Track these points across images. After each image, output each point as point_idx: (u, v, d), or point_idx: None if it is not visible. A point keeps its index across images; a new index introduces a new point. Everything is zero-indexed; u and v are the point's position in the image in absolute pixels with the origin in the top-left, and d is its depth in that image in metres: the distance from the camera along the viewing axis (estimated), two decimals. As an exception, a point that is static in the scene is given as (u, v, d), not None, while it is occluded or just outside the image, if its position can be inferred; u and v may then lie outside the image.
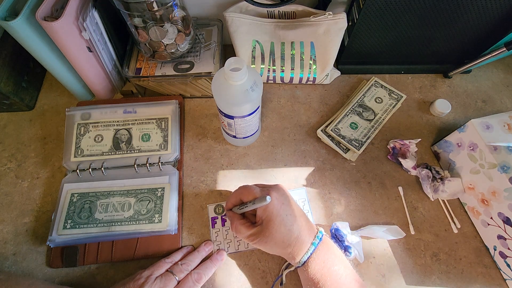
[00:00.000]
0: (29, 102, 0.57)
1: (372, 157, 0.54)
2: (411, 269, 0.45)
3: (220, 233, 0.47)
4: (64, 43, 0.45)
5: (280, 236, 0.38)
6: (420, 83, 0.63)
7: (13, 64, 0.54)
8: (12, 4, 0.44)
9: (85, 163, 0.49)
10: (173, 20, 0.50)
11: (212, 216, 0.48)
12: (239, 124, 0.46)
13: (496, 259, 0.45)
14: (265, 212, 0.38)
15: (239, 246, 0.46)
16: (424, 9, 0.49)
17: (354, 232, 0.46)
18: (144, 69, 0.54)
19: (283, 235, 0.38)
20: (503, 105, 0.61)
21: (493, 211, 0.44)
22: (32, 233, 0.47)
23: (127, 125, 0.52)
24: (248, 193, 0.40)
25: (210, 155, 0.54)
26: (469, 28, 0.53)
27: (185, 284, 0.39)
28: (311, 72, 0.58)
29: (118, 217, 0.46)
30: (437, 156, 0.54)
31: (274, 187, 0.41)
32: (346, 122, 0.54)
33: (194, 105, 0.59)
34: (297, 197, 0.50)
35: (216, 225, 0.47)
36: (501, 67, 0.65)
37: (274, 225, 0.37)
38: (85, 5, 0.46)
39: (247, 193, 0.40)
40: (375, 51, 0.59)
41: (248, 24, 0.55)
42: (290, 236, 0.38)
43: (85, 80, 0.53)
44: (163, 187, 0.48)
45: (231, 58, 0.39)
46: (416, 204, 0.50)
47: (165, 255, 0.44)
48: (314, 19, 0.54)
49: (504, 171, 0.41)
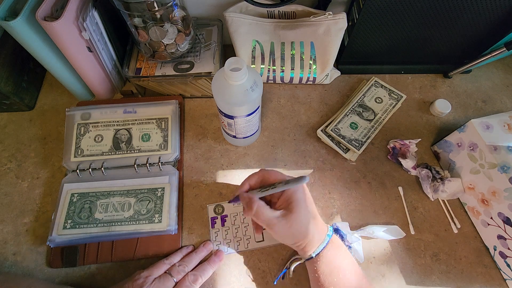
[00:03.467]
0: (29, 102, 0.57)
1: (372, 157, 0.54)
2: (411, 269, 0.45)
3: (220, 233, 0.47)
4: (64, 43, 0.45)
5: (300, 225, 0.37)
6: (420, 83, 0.63)
7: (13, 64, 0.54)
8: (12, 4, 0.44)
9: (85, 163, 0.49)
10: (173, 20, 0.50)
11: (211, 216, 0.48)
12: (239, 124, 0.46)
13: (496, 259, 0.45)
14: (294, 196, 0.37)
15: (239, 246, 0.46)
16: (424, 9, 0.49)
17: (354, 232, 0.46)
18: (144, 69, 0.54)
19: (303, 225, 0.37)
20: (503, 105, 0.61)
21: (493, 211, 0.44)
22: (32, 233, 0.47)
23: (127, 125, 0.52)
24: (273, 176, 0.39)
25: (210, 155, 0.54)
26: (469, 28, 0.53)
27: (182, 285, 0.39)
28: (311, 72, 0.58)
29: (118, 217, 0.46)
30: (437, 156, 0.54)
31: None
32: (346, 122, 0.54)
33: (194, 105, 0.59)
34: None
35: (216, 225, 0.47)
36: (501, 67, 0.65)
37: (300, 211, 0.36)
38: (85, 5, 0.46)
39: (272, 176, 0.39)
40: (375, 51, 0.59)
41: (248, 24, 0.55)
42: (308, 227, 0.37)
43: (85, 80, 0.53)
44: (163, 187, 0.48)
45: (231, 58, 0.39)
46: (416, 204, 0.50)
47: (165, 255, 0.44)
48: (314, 19, 0.54)
49: (504, 171, 0.41)
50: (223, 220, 0.48)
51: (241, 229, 0.47)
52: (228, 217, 0.48)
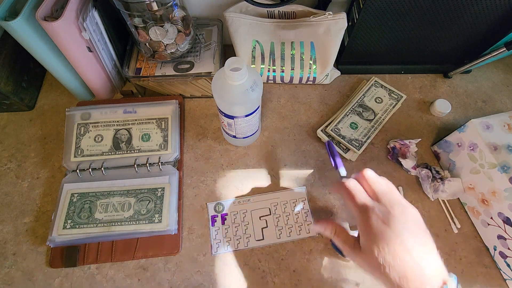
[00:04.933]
0: (29, 102, 0.57)
1: (372, 157, 0.54)
2: (411, 269, 0.45)
3: (220, 231, 0.47)
4: (64, 43, 0.45)
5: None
6: (420, 83, 0.63)
7: (13, 64, 0.54)
8: (12, 4, 0.44)
9: (85, 163, 0.49)
10: (173, 20, 0.50)
11: (212, 215, 0.48)
12: (239, 124, 0.46)
13: (496, 259, 0.45)
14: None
15: (239, 245, 0.46)
16: (424, 9, 0.49)
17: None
18: (144, 69, 0.54)
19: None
20: (503, 105, 0.61)
21: (493, 211, 0.44)
22: (32, 233, 0.47)
23: (127, 125, 0.52)
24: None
25: (210, 155, 0.54)
26: (469, 28, 0.53)
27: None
28: (311, 72, 0.58)
29: (118, 217, 0.46)
30: (437, 156, 0.54)
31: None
32: (346, 122, 0.54)
33: (194, 105, 0.59)
34: (297, 197, 0.50)
35: (216, 223, 0.47)
36: (501, 67, 0.65)
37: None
38: (85, 5, 0.46)
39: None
40: (375, 51, 0.59)
41: (248, 24, 0.55)
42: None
43: (85, 80, 0.53)
44: (163, 187, 0.48)
45: (231, 58, 0.39)
46: (416, 204, 0.50)
47: (165, 255, 0.44)
48: (314, 19, 0.54)
49: (504, 171, 0.41)
50: (223, 219, 0.48)
51: (241, 228, 0.47)
52: (228, 215, 0.48)
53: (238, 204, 0.49)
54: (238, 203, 0.49)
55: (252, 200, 0.49)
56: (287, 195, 0.50)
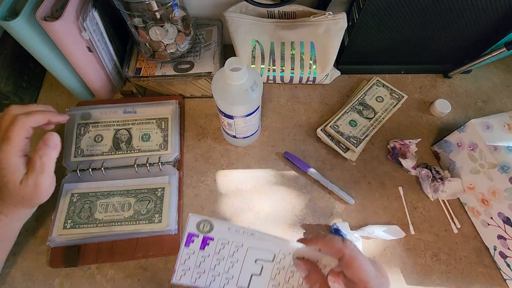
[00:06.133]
0: (29, 102, 0.57)
1: (372, 157, 0.54)
2: (411, 269, 0.45)
3: (193, 258, 0.33)
4: (64, 43, 0.45)
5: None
6: (420, 83, 0.63)
7: (13, 64, 0.54)
8: (12, 4, 0.44)
9: (85, 163, 0.49)
10: (173, 20, 0.50)
11: (191, 232, 0.32)
12: (239, 124, 0.46)
13: (496, 259, 0.45)
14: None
15: (212, 284, 0.34)
16: (424, 9, 0.49)
17: (354, 232, 0.46)
18: (144, 69, 0.54)
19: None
20: (503, 105, 0.61)
21: (493, 211, 0.44)
22: (32, 233, 0.46)
23: (127, 125, 0.52)
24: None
25: (210, 155, 0.54)
26: (469, 28, 0.53)
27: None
28: (311, 72, 0.58)
29: (118, 217, 0.46)
30: (437, 156, 0.54)
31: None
32: (346, 119, 0.54)
33: (194, 105, 0.59)
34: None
35: (193, 245, 0.33)
36: (501, 67, 0.65)
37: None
38: (85, 5, 0.46)
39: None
40: (375, 51, 0.59)
41: (248, 24, 0.55)
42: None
43: (85, 80, 0.53)
44: (163, 187, 0.48)
45: (231, 58, 0.39)
46: (416, 204, 0.50)
47: (165, 255, 0.44)
48: (314, 19, 0.54)
49: (504, 171, 0.41)
50: (205, 243, 0.33)
51: (225, 263, 0.33)
52: (214, 241, 0.33)
53: (235, 233, 0.33)
54: (236, 232, 0.33)
55: (258, 236, 0.33)
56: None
